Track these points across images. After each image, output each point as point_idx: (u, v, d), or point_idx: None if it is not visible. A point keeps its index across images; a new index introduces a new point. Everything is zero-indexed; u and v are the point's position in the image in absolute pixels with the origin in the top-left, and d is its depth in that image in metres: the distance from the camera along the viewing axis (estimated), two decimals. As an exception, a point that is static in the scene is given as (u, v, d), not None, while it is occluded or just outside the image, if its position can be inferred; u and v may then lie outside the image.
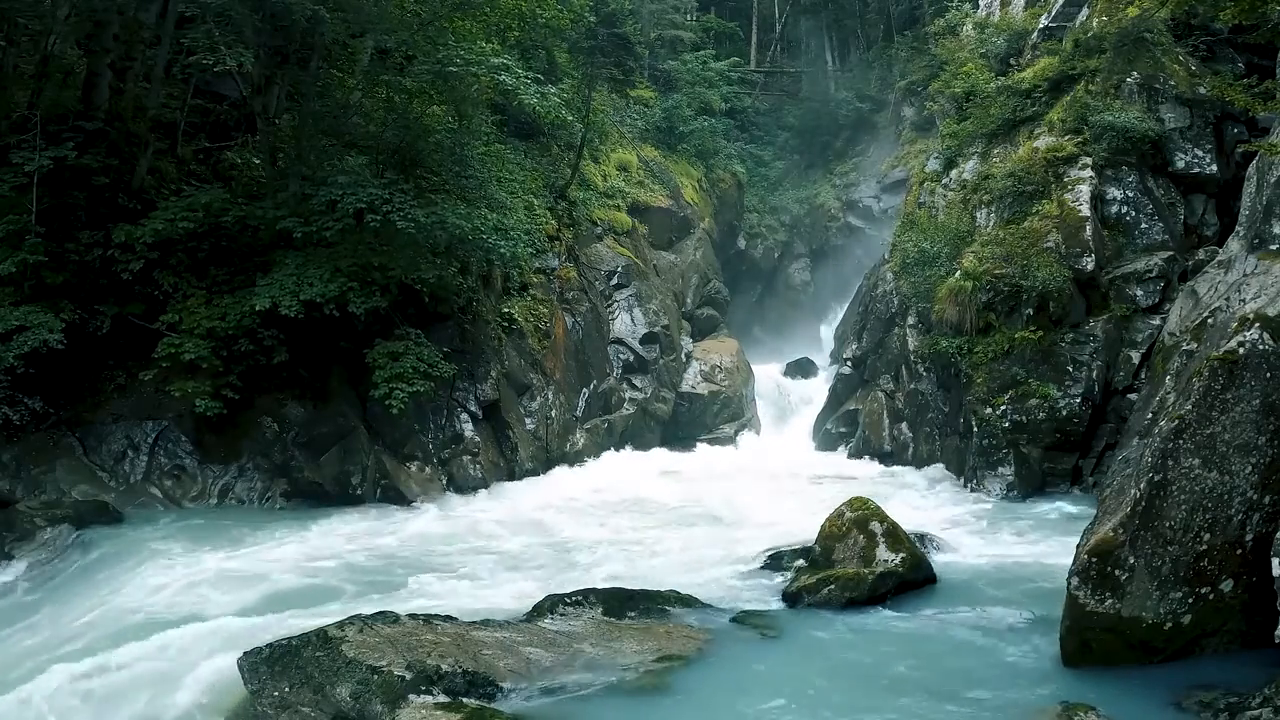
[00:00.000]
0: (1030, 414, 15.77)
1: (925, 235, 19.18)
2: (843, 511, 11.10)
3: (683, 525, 13.82)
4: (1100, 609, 7.74)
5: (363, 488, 14.36)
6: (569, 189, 21.50)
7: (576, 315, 20.32)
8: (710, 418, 22.54)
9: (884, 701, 7.44)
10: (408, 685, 7.22)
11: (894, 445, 19.42)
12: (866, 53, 37.70)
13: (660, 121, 27.52)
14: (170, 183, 14.89)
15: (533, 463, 17.48)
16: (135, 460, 13.75)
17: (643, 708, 7.44)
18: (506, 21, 17.36)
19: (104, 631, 9.07)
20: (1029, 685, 7.73)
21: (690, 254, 26.18)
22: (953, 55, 23.40)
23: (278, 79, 15.34)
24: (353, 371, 14.86)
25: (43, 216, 13.14)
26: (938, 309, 17.52)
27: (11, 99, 14.23)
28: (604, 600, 9.33)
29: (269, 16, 14.38)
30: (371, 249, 14.12)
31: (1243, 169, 15.19)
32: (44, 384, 13.17)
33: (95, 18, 14.56)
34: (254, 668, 7.45)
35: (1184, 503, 7.72)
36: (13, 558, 11.43)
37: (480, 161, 16.49)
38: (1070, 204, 16.95)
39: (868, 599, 9.85)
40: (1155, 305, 16.28)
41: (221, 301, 13.83)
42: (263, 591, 10.14)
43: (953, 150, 20.90)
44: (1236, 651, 7.73)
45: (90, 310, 13.53)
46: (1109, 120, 17.09)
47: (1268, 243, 12.60)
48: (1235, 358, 7.90)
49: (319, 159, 15.20)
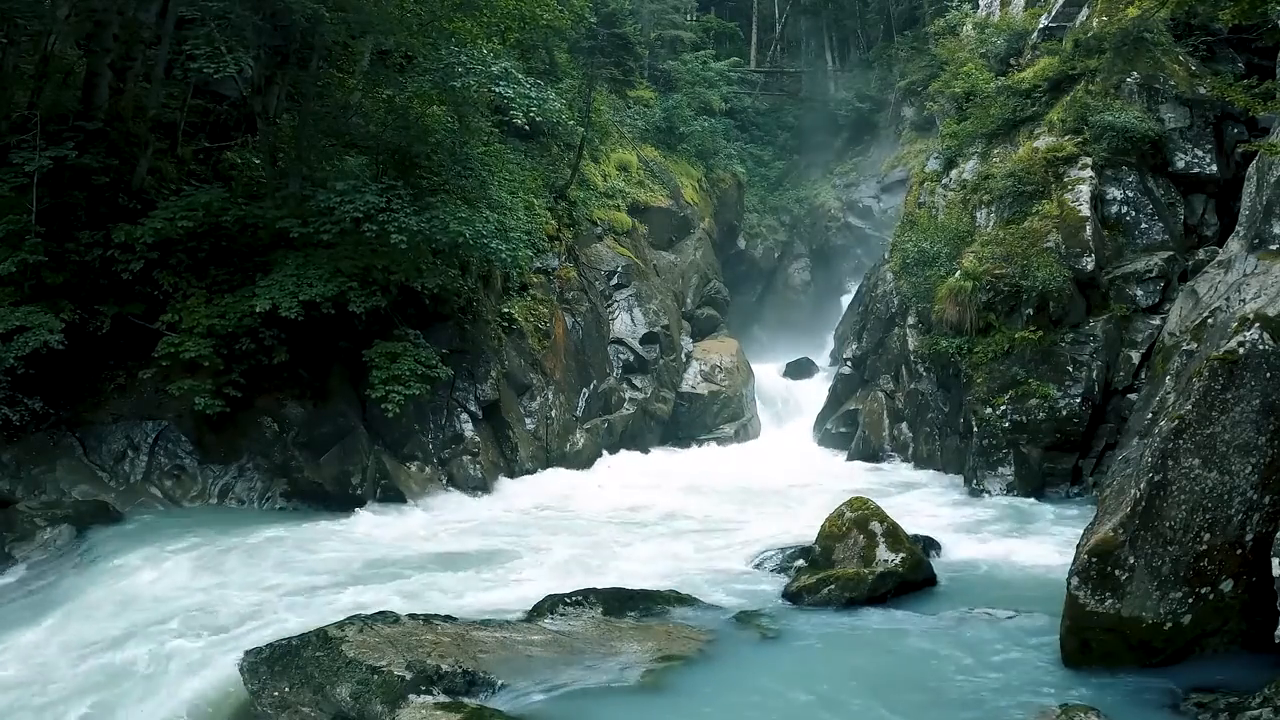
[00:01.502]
0: (1030, 414, 15.78)
1: (925, 235, 19.17)
2: (843, 511, 11.11)
3: (682, 525, 13.82)
4: (1100, 609, 7.74)
5: (363, 488, 14.35)
6: (569, 189, 21.50)
7: (576, 315, 20.32)
8: (710, 418, 22.55)
9: (884, 702, 7.44)
10: (408, 685, 7.23)
11: (894, 445, 19.42)
12: (866, 53, 37.73)
13: (660, 121, 27.52)
14: (170, 183, 14.88)
15: (533, 463, 17.48)
16: (135, 460, 13.75)
17: (643, 708, 7.44)
18: (507, 22, 17.34)
19: (104, 632, 9.06)
20: (1029, 685, 7.72)
21: (690, 254, 26.18)
22: (953, 55, 23.39)
23: (278, 79, 15.33)
24: (353, 371, 14.86)
25: (43, 216, 13.13)
26: (938, 309, 17.52)
27: (11, 99, 14.22)
28: (604, 600, 9.34)
29: (269, 17, 14.38)
30: (373, 250, 14.12)
31: (1243, 169, 15.20)
32: (44, 384, 13.15)
33: (95, 18, 14.56)
34: (254, 668, 7.45)
35: (1184, 503, 7.72)
36: (13, 558, 11.42)
37: (480, 161, 16.49)
38: (1070, 204, 16.95)
39: (868, 599, 9.87)
40: (1155, 305, 16.29)
41: (221, 301, 13.82)
42: (262, 591, 10.12)
43: (953, 150, 20.90)
44: (1236, 651, 7.73)
45: (90, 310, 13.52)
46: (1109, 120, 17.10)
47: (1268, 243, 12.61)
48: (1235, 358, 7.90)
49: (319, 159, 15.18)
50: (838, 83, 37.72)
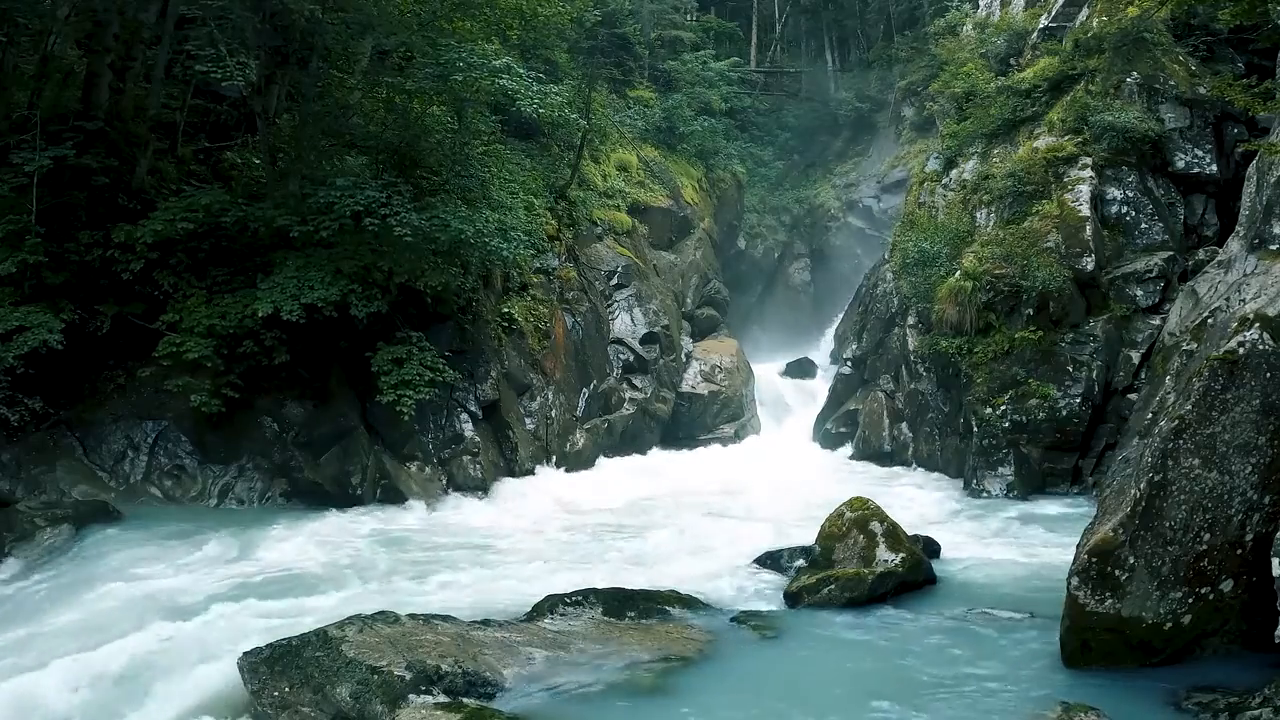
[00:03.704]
0: (1030, 414, 15.78)
1: (925, 235, 19.18)
2: (843, 512, 11.11)
3: (682, 525, 13.80)
4: (1100, 609, 7.74)
5: (363, 488, 14.36)
6: (569, 189, 21.50)
7: (576, 315, 20.32)
8: (710, 418, 22.55)
9: (884, 702, 7.43)
10: (408, 685, 7.22)
11: (894, 445, 19.42)
12: (866, 53, 37.71)
13: (660, 121, 27.50)
14: (170, 183, 14.88)
15: (533, 462, 17.47)
16: (135, 460, 13.75)
17: (643, 708, 7.44)
18: (507, 21, 17.34)
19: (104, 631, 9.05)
20: (1029, 685, 7.72)
21: (690, 254, 26.18)
22: (953, 55, 23.41)
23: (278, 79, 15.33)
24: (353, 372, 14.86)
25: (43, 216, 13.13)
26: (938, 309, 17.52)
27: (11, 99, 14.23)
28: (604, 600, 9.34)
29: (269, 17, 14.38)
30: (373, 249, 14.12)
31: (1243, 169, 15.20)
32: (44, 384, 13.15)
33: (95, 18, 14.56)
34: (254, 668, 7.45)
35: (1184, 503, 7.71)
36: (12, 558, 11.41)
37: (480, 161, 16.48)
38: (1070, 204, 16.96)
39: (868, 599, 9.86)
40: (1155, 305, 16.30)
41: (222, 301, 13.82)
42: (262, 591, 10.11)
43: (953, 150, 20.91)
44: (1236, 651, 7.73)
45: (90, 310, 13.52)
46: (1109, 120, 17.10)
47: (1268, 243, 12.60)
48: (1235, 358, 7.90)
49: (319, 159, 15.19)
50: (838, 83, 37.72)
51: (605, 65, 25.34)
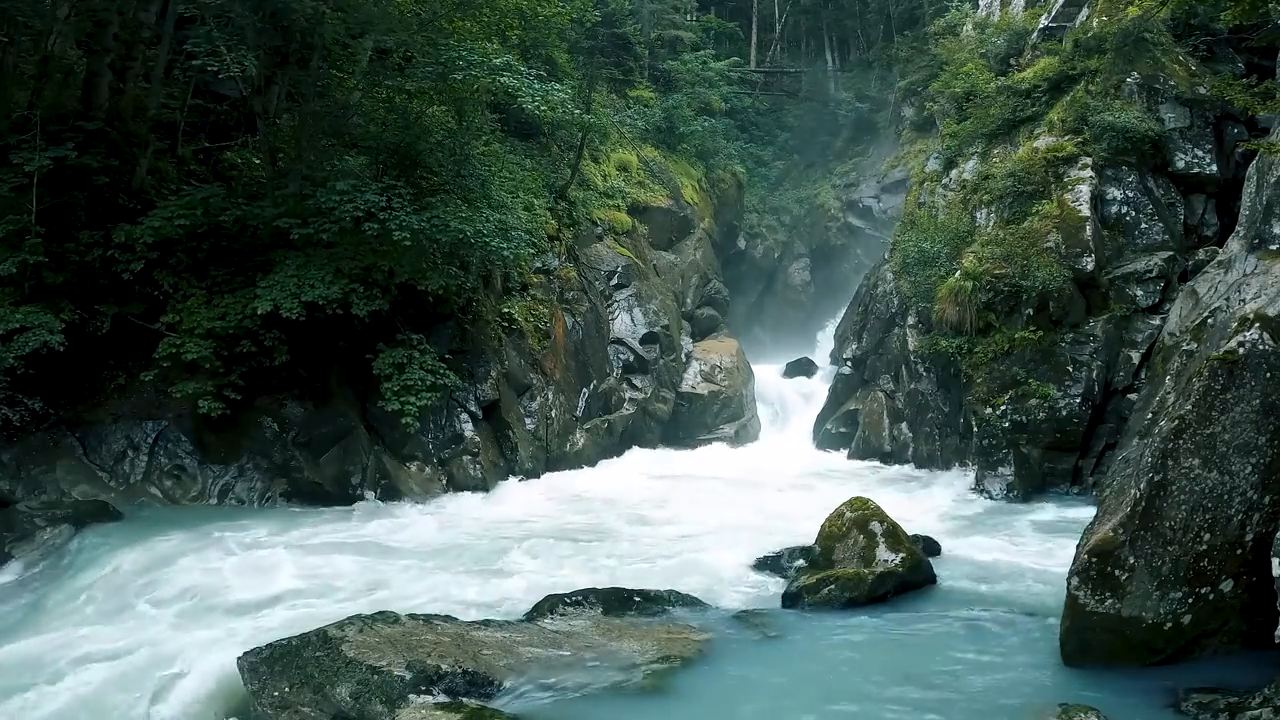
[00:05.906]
0: (1030, 414, 15.78)
1: (925, 235, 19.19)
2: (843, 512, 11.11)
3: (682, 525, 13.80)
4: (1100, 609, 7.74)
5: (363, 488, 14.36)
6: (569, 189, 21.50)
7: (576, 315, 20.32)
8: (710, 418, 22.55)
9: (884, 702, 7.43)
10: (408, 685, 7.22)
11: (894, 445, 19.42)
12: (866, 53, 37.76)
13: (660, 121, 27.51)
14: (170, 183, 14.87)
15: (533, 463, 17.47)
16: (135, 460, 13.75)
17: (643, 708, 7.43)
18: (507, 21, 17.33)
19: (103, 631, 9.06)
20: (1029, 685, 7.72)
21: (690, 254, 26.19)
22: (953, 55, 23.43)
23: (278, 79, 15.33)
24: (353, 372, 14.86)
25: (43, 216, 13.12)
26: (938, 309, 17.53)
27: (11, 99, 14.22)
28: (604, 600, 9.34)
29: (269, 16, 14.37)
30: (374, 250, 14.11)
31: (1243, 169, 15.21)
32: (44, 384, 13.15)
33: (95, 18, 14.56)
34: (254, 667, 7.44)
35: (1184, 503, 7.71)
36: (12, 558, 11.42)
37: (480, 161, 16.47)
38: (1070, 204, 16.96)
39: (868, 599, 9.86)
40: (1155, 305, 16.30)
41: (222, 301, 13.82)
42: (262, 591, 10.11)
43: (953, 150, 20.92)
44: (1236, 651, 7.73)
45: (90, 310, 13.51)
46: (1109, 120, 17.10)
47: (1268, 243, 12.61)
48: (1235, 358, 7.90)
49: (319, 159, 15.18)
50: (838, 83, 37.75)
51: (605, 65, 25.35)
